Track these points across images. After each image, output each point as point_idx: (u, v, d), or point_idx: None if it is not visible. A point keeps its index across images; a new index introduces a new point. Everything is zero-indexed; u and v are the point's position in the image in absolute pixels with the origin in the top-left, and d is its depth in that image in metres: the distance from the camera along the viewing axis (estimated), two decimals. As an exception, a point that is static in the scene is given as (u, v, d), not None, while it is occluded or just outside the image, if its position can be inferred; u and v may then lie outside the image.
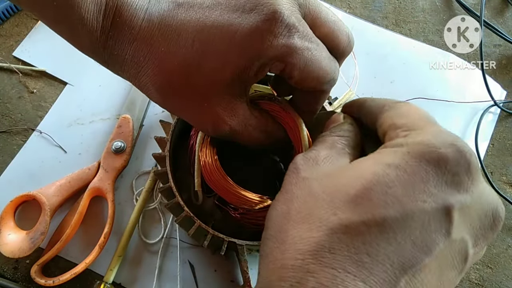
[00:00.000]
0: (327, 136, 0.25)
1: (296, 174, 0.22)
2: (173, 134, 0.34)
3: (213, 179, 0.31)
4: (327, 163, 0.22)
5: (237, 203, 0.31)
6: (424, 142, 0.19)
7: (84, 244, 0.39)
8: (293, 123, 0.31)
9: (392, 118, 0.22)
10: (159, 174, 0.33)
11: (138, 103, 0.43)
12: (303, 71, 0.24)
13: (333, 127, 0.25)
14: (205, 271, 0.39)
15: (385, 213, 0.17)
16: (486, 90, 0.46)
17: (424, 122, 0.21)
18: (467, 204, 0.18)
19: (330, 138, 0.24)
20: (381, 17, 0.51)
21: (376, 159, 0.20)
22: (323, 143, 0.24)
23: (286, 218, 0.20)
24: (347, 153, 0.23)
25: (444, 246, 0.17)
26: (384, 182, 0.18)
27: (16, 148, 0.42)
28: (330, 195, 0.19)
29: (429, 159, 0.18)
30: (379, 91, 0.46)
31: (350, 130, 0.25)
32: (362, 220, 0.17)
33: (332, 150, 0.23)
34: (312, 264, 0.17)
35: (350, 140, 0.24)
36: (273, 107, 0.32)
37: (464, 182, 0.18)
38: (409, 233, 0.17)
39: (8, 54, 0.46)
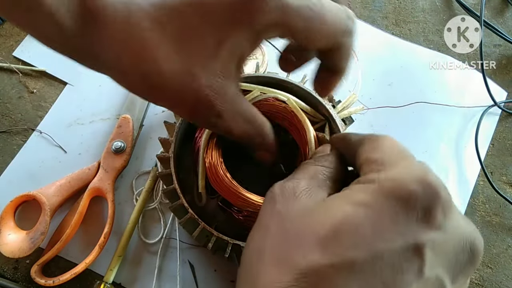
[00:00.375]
0: (311, 164, 0.24)
1: (272, 205, 0.21)
2: (177, 136, 0.34)
3: (218, 181, 0.31)
4: (304, 196, 0.21)
5: (242, 205, 0.31)
6: (394, 178, 0.18)
7: (84, 244, 0.39)
8: (300, 124, 0.31)
9: (367, 152, 0.21)
10: (163, 176, 0.33)
11: (138, 103, 0.43)
12: (305, 31, 0.21)
13: (318, 157, 0.25)
14: (205, 271, 0.39)
15: (354, 255, 0.17)
16: (486, 90, 0.46)
17: (397, 157, 0.20)
18: (440, 240, 0.17)
19: (313, 167, 0.23)
20: (381, 17, 0.51)
21: (347, 197, 0.19)
22: (305, 172, 0.23)
23: (258, 257, 0.19)
24: (328, 185, 0.22)
25: (417, 285, 0.17)
26: (353, 222, 0.17)
27: (16, 148, 0.42)
28: (301, 236, 0.18)
29: (398, 197, 0.17)
30: (377, 94, 0.46)
31: (334, 162, 0.24)
32: (331, 263, 0.17)
33: (312, 180, 0.22)
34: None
35: (332, 172, 0.23)
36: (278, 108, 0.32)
37: (436, 217, 0.17)
38: (380, 274, 0.16)
39: (8, 54, 0.46)
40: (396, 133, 0.45)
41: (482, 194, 0.44)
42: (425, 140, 0.45)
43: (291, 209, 0.21)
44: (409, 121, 0.46)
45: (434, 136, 0.45)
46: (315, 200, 0.21)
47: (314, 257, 0.17)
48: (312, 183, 0.22)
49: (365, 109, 0.45)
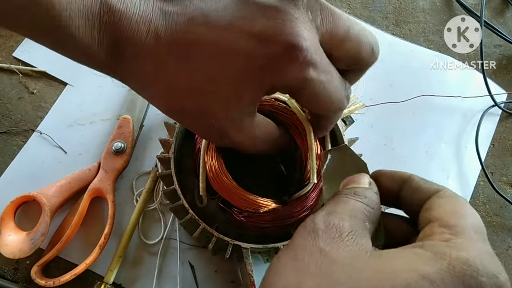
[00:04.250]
0: (350, 198, 0.22)
1: (313, 240, 0.20)
2: (178, 137, 0.34)
3: (219, 182, 0.31)
4: (351, 240, 0.19)
5: (243, 206, 0.31)
6: (468, 262, 0.17)
7: (84, 245, 0.39)
8: (302, 128, 0.31)
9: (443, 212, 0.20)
10: (163, 176, 0.33)
11: (138, 104, 0.43)
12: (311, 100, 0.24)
13: (356, 189, 0.22)
14: (205, 272, 0.39)
15: None
16: (486, 90, 0.46)
17: (474, 234, 0.19)
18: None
19: (353, 202, 0.22)
20: (381, 18, 0.51)
21: (411, 263, 0.18)
22: (345, 206, 0.21)
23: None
24: (367, 228, 0.21)
25: None
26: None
27: (16, 148, 0.42)
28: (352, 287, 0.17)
29: (467, 284, 0.16)
30: (378, 94, 0.46)
31: (374, 201, 0.22)
32: None
33: (354, 220, 0.21)
34: None
35: (372, 212, 0.22)
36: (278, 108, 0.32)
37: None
38: None
39: (8, 55, 0.46)
40: (397, 134, 0.45)
41: (483, 194, 0.44)
42: (426, 140, 0.45)
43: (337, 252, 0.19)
44: (409, 121, 0.46)
45: (435, 137, 0.45)
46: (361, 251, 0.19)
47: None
48: (354, 224, 0.20)
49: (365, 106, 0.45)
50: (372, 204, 0.22)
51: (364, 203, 0.22)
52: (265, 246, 0.31)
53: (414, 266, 0.17)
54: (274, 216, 0.31)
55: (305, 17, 0.21)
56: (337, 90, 0.24)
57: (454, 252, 0.17)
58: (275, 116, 0.33)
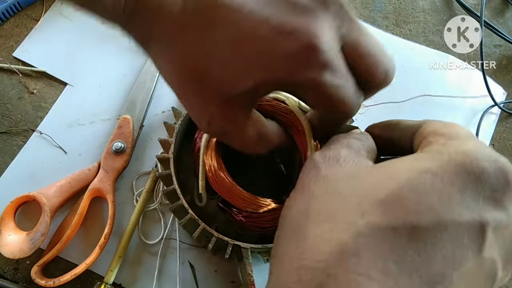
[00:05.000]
0: (341, 137, 0.24)
1: (316, 172, 0.21)
2: (177, 137, 0.34)
3: (219, 182, 0.31)
4: (349, 163, 0.21)
5: (242, 206, 0.31)
6: (466, 152, 0.18)
7: (84, 245, 0.39)
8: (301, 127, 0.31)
9: (434, 127, 0.21)
10: (163, 176, 0.33)
11: (138, 104, 0.43)
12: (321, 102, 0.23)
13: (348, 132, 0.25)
14: (205, 272, 0.39)
15: (417, 221, 0.16)
16: (486, 90, 0.46)
17: (466, 136, 0.20)
18: (502, 224, 0.17)
19: (344, 139, 0.23)
20: (381, 18, 0.51)
21: (411, 163, 0.18)
22: (338, 143, 0.23)
23: (305, 216, 0.19)
24: (364, 155, 0.22)
25: (474, 264, 0.16)
26: (419, 188, 0.17)
27: (16, 148, 0.42)
28: (357, 196, 0.18)
29: (470, 171, 0.17)
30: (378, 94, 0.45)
31: (365, 136, 0.24)
32: (392, 226, 0.16)
33: (349, 150, 0.22)
34: (334, 267, 0.16)
35: (366, 144, 0.23)
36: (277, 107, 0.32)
37: (503, 200, 0.17)
38: (440, 245, 0.16)
39: (8, 55, 0.46)
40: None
41: (483, 194, 0.44)
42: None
43: (339, 173, 0.20)
44: (409, 121, 0.46)
45: (435, 137, 0.45)
46: (362, 166, 0.21)
47: (374, 218, 0.17)
48: (350, 152, 0.22)
49: (365, 106, 0.45)
50: (362, 138, 0.23)
51: (356, 138, 0.23)
52: (265, 246, 0.31)
53: (415, 165, 0.18)
54: (273, 216, 0.31)
55: (331, 23, 0.21)
56: (350, 96, 0.23)
57: (452, 148, 0.18)
58: (274, 115, 0.33)
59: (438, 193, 0.17)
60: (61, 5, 0.48)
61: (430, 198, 0.17)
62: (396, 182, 0.17)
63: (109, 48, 0.46)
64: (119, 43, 0.46)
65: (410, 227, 0.16)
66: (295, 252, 0.18)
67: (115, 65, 0.46)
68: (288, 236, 0.20)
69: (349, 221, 0.17)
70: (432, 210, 0.16)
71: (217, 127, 0.25)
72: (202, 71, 0.22)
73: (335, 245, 0.17)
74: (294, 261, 0.18)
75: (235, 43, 0.21)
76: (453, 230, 0.16)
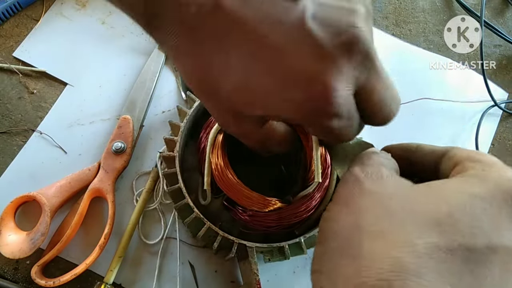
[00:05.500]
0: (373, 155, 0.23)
1: (359, 186, 0.21)
2: (182, 135, 0.34)
3: (224, 180, 0.31)
4: (391, 180, 0.21)
5: (248, 204, 0.31)
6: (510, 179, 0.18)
7: (84, 245, 0.39)
8: None
9: (467, 153, 0.21)
10: (167, 175, 0.33)
11: (138, 104, 0.43)
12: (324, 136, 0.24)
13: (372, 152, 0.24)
14: (206, 272, 0.39)
15: (472, 243, 0.17)
16: (486, 90, 0.46)
17: (500, 163, 0.20)
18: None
19: (377, 157, 0.23)
20: (382, 18, 0.51)
21: (459, 185, 0.19)
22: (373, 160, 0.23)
23: (356, 231, 0.19)
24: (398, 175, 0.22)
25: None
26: (471, 212, 0.17)
27: (16, 148, 0.42)
28: (408, 215, 0.18)
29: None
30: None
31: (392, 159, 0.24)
32: (449, 247, 0.16)
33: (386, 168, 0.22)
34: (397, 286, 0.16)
35: (394, 164, 0.23)
36: None
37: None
38: (491, 269, 0.16)
39: (8, 55, 0.46)
40: (397, 135, 0.45)
41: (483, 194, 0.44)
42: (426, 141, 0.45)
43: (384, 189, 0.20)
44: (409, 122, 0.46)
45: (435, 137, 0.45)
46: (403, 185, 0.21)
47: (432, 238, 0.17)
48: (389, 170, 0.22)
49: None
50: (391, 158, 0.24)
51: (386, 158, 0.23)
52: (270, 245, 0.31)
53: (463, 189, 0.18)
54: (278, 216, 0.31)
55: (351, 72, 0.20)
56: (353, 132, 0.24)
57: (496, 175, 0.19)
58: None
59: (490, 218, 0.17)
60: (61, 5, 0.48)
61: (482, 222, 0.17)
62: (448, 204, 0.18)
63: (109, 48, 0.46)
64: (119, 43, 0.46)
65: (466, 249, 0.16)
66: (350, 269, 0.18)
67: (115, 65, 0.46)
68: (338, 251, 0.19)
69: (406, 240, 0.17)
70: (484, 234, 0.17)
71: (230, 131, 0.25)
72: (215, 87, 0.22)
73: (395, 263, 0.16)
74: (351, 279, 0.17)
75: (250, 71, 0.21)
76: (503, 254, 0.17)
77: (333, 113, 0.21)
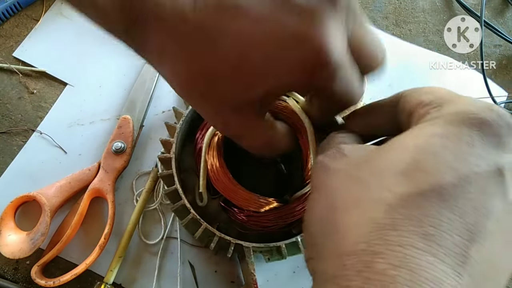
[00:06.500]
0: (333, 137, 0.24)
1: (326, 169, 0.21)
2: (178, 137, 0.34)
3: (220, 181, 0.31)
4: (354, 152, 0.21)
5: (244, 205, 0.31)
6: (460, 110, 0.18)
7: (84, 245, 0.39)
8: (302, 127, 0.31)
9: (417, 98, 0.21)
10: (164, 176, 0.33)
11: (138, 104, 0.43)
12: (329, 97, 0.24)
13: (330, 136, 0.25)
14: (206, 272, 0.39)
15: (441, 181, 0.16)
16: (486, 90, 0.46)
17: (452, 97, 0.20)
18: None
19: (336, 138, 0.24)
20: (381, 18, 0.51)
21: (414, 134, 0.19)
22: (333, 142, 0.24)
23: (332, 210, 0.19)
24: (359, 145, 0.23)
25: (503, 209, 0.17)
26: (431, 151, 0.17)
27: (16, 148, 0.42)
28: (376, 175, 0.18)
29: (470, 124, 0.17)
30: (377, 94, 0.46)
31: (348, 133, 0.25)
32: (419, 191, 0.16)
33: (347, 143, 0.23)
34: (377, 245, 0.16)
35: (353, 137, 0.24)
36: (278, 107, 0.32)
37: (510, 143, 0.17)
38: (469, 198, 0.16)
39: (8, 55, 0.46)
40: (397, 134, 0.45)
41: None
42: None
43: (349, 163, 0.21)
44: (409, 121, 0.46)
45: (435, 137, 0.45)
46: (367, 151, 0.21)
47: (401, 188, 0.17)
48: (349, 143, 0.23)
49: None
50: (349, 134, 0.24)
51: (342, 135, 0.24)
52: (267, 245, 0.31)
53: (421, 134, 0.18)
54: (275, 215, 0.31)
55: (340, 23, 0.21)
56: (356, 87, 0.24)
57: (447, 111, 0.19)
58: (276, 115, 0.33)
59: (451, 150, 0.17)
60: (61, 5, 0.48)
61: (445, 157, 0.17)
62: (409, 152, 0.18)
63: (109, 48, 0.46)
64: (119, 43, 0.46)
65: (437, 188, 0.16)
66: (331, 245, 0.18)
67: (115, 65, 0.46)
68: (320, 234, 0.20)
69: (376, 199, 0.17)
70: (451, 167, 0.17)
71: (231, 131, 0.25)
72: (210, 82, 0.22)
73: (370, 224, 0.17)
74: (333, 253, 0.18)
75: (242, 51, 0.21)
76: (476, 181, 0.16)
77: (333, 64, 0.21)
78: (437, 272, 0.15)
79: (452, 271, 0.15)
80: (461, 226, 0.16)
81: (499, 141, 0.17)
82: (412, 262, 0.15)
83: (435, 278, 0.15)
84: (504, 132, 0.18)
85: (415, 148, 0.18)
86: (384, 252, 0.16)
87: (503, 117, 0.18)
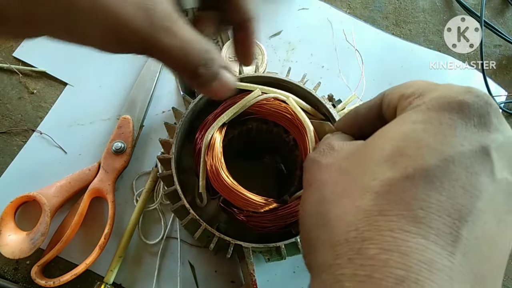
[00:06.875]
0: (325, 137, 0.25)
1: (317, 165, 0.22)
2: (178, 137, 0.34)
3: (219, 182, 0.31)
4: (344, 146, 0.22)
5: (243, 205, 0.31)
6: (440, 96, 0.18)
7: (84, 245, 0.39)
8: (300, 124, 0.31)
9: (398, 92, 0.21)
10: (164, 177, 0.33)
11: (138, 104, 0.43)
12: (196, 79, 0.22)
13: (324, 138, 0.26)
14: (206, 272, 0.39)
15: (425, 163, 0.16)
16: (486, 90, 0.46)
17: (432, 86, 0.20)
18: (501, 143, 0.17)
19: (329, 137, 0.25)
20: (382, 18, 0.51)
21: (397, 123, 0.19)
22: (325, 140, 0.25)
23: (322, 202, 0.20)
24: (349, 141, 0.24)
25: (492, 187, 0.17)
26: (414, 137, 0.17)
27: (16, 149, 0.42)
28: (362, 165, 0.19)
29: (450, 108, 0.18)
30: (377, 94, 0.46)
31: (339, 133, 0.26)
32: (405, 175, 0.17)
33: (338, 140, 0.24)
34: (367, 231, 0.16)
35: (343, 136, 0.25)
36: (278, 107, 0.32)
37: (492, 122, 0.18)
38: (456, 178, 0.16)
39: (8, 55, 0.46)
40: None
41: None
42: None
43: (339, 156, 0.21)
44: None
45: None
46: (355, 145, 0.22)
47: (386, 175, 0.17)
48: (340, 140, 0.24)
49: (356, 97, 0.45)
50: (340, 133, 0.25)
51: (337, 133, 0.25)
52: (266, 245, 0.31)
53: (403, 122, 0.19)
54: (274, 216, 0.31)
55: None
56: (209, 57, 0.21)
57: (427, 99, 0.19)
58: (275, 115, 0.33)
59: (433, 134, 0.17)
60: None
61: (427, 141, 0.17)
62: (392, 140, 0.18)
63: (109, 48, 0.46)
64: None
65: (421, 171, 0.16)
66: (323, 236, 0.18)
67: (115, 65, 0.46)
68: (313, 229, 0.20)
69: (363, 187, 0.18)
70: (434, 149, 0.17)
71: None
72: None
73: (360, 212, 0.17)
74: (325, 243, 0.18)
75: None
76: (461, 161, 0.17)
77: None
78: (429, 254, 0.15)
79: (444, 251, 0.15)
80: (450, 207, 0.16)
81: (480, 121, 0.18)
82: (403, 245, 0.15)
83: (427, 259, 0.15)
84: (485, 112, 0.18)
85: (398, 135, 0.18)
86: (374, 238, 0.16)
87: (482, 97, 0.18)
